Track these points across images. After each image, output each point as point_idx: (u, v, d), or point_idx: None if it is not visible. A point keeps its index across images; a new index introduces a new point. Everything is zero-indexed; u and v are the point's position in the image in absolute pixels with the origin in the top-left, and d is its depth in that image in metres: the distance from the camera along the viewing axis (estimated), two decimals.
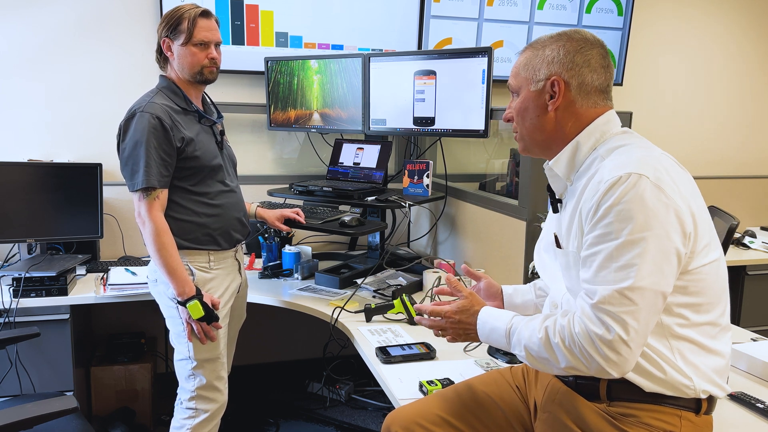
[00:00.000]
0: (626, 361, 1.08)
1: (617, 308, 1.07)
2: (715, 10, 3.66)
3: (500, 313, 1.29)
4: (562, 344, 1.13)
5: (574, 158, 1.25)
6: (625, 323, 1.07)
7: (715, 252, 1.18)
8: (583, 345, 1.10)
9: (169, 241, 1.82)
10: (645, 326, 1.09)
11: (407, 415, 1.40)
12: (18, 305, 2.20)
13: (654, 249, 1.07)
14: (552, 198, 1.33)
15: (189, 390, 1.94)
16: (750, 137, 3.85)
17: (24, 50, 2.71)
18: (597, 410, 1.21)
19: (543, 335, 1.16)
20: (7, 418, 1.38)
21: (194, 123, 1.94)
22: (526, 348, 1.19)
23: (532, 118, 1.27)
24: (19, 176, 2.49)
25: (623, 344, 1.07)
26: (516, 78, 1.30)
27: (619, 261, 1.08)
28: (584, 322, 1.10)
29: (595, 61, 1.23)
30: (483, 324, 1.29)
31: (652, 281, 1.07)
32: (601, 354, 1.08)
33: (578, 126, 1.25)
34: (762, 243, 3.24)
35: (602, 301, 1.08)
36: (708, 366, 1.18)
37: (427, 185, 2.62)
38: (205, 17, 1.90)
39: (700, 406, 1.19)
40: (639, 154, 1.16)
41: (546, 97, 1.24)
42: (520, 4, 3.22)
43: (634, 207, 1.08)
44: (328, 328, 2.12)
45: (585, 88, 1.23)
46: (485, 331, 1.29)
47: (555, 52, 1.23)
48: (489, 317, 1.29)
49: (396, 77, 2.59)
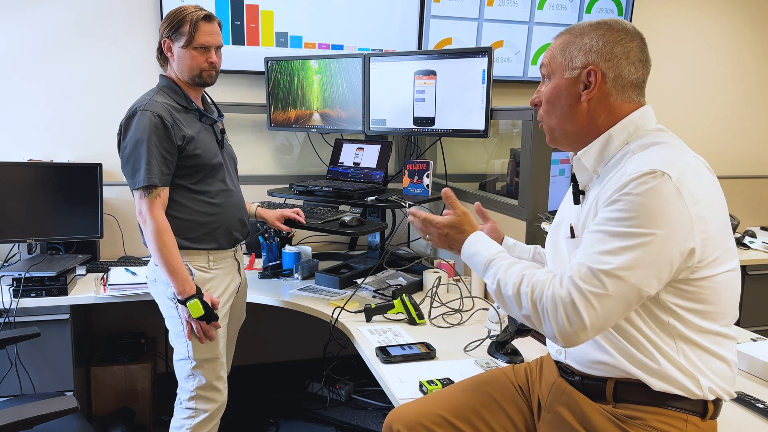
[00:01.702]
0: (577, 336, 1.09)
1: (587, 286, 1.07)
2: (715, 11, 3.66)
3: (491, 244, 1.31)
4: (530, 294, 1.14)
5: (605, 151, 1.22)
6: (589, 303, 1.07)
7: (730, 263, 1.15)
8: (547, 305, 1.11)
9: (169, 240, 1.82)
10: (608, 314, 1.08)
11: (409, 414, 1.40)
12: (18, 305, 2.20)
13: (649, 248, 1.06)
14: (575, 189, 1.31)
15: (188, 390, 1.94)
16: (750, 137, 3.86)
17: (24, 50, 2.71)
18: (602, 411, 1.21)
19: (518, 280, 1.17)
20: (7, 418, 1.38)
21: (195, 121, 1.94)
22: (499, 282, 1.21)
23: (564, 106, 1.23)
24: (19, 176, 2.49)
25: (579, 321, 1.07)
26: (552, 61, 1.25)
27: (609, 245, 1.08)
28: (557, 286, 1.11)
29: (634, 54, 1.19)
30: (469, 245, 1.32)
31: (632, 274, 1.06)
32: (558, 321, 1.09)
33: (610, 120, 1.21)
34: (762, 243, 3.24)
35: (577, 275, 1.09)
36: (712, 369, 1.17)
37: (427, 185, 2.62)
38: (207, 21, 1.90)
39: (706, 410, 1.18)
40: (670, 153, 1.13)
41: (580, 86, 1.20)
42: (520, 4, 3.22)
43: (645, 201, 1.06)
44: (328, 328, 2.12)
45: (621, 81, 1.19)
46: (468, 253, 1.32)
47: (594, 40, 1.19)
48: (478, 242, 1.32)
49: (396, 77, 2.59)
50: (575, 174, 1.30)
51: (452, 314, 2.17)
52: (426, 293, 2.35)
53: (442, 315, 2.16)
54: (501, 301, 1.22)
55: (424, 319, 2.09)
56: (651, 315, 1.15)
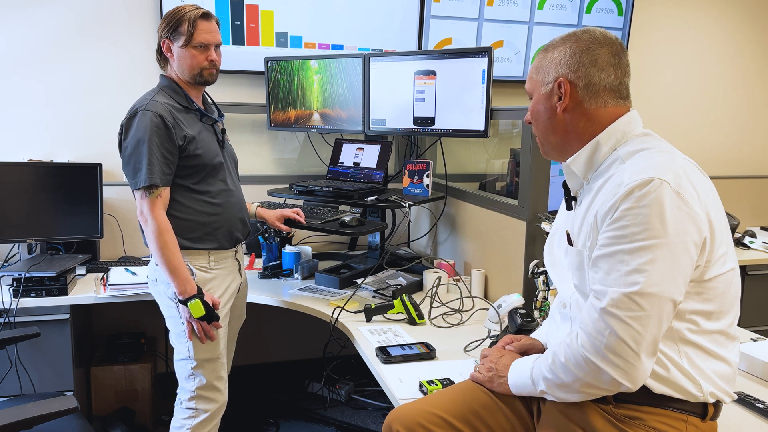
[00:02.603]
0: (634, 367, 1.07)
1: (625, 312, 1.06)
2: (715, 11, 3.66)
3: (525, 360, 1.31)
4: (568, 363, 1.13)
5: (593, 158, 1.25)
6: (630, 327, 1.06)
7: (731, 262, 1.17)
8: (589, 357, 1.09)
9: (171, 240, 1.82)
10: (652, 333, 1.07)
11: (409, 414, 1.40)
12: (18, 305, 2.20)
13: (667, 256, 1.06)
14: (567, 195, 1.34)
15: (189, 390, 1.94)
16: (750, 137, 3.85)
17: (24, 50, 2.71)
18: (602, 412, 1.20)
19: (551, 360, 1.16)
20: (7, 418, 1.38)
21: (196, 121, 1.94)
22: (545, 380, 1.20)
23: (544, 120, 1.29)
24: (19, 176, 2.49)
25: (629, 349, 1.06)
26: (530, 82, 1.32)
27: (631, 265, 1.07)
28: (588, 331, 1.09)
29: (603, 59, 1.22)
30: (512, 375, 1.33)
31: (662, 288, 1.06)
32: (608, 361, 1.07)
33: (590, 125, 1.24)
34: (762, 243, 3.24)
35: (611, 304, 1.07)
36: (714, 371, 1.17)
37: (427, 185, 2.62)
38: (205, 19, 1.89)
39: (706, 411, 1.18)
40: (661, 158, 1.15)
41: (555, 98, 1.26)
42: (520, 4, 3.22)
43: (652, 212, 1.07)
44: (328, 328, 2.12)
45: (593, 87, 1.23)
46: (516, 384, 1.32)
47: (562, 53, 1.24)
48: (516, 368, 1.33)
49: (396, 77, 2.59)
50: (566, 181, 1.33)
51: (452, 314, 2.17)
52: (426, 293, 2.35)
53: (442, 315, 2.16)
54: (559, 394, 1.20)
55: (424, 319, 2.09)
56: None
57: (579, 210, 1.28)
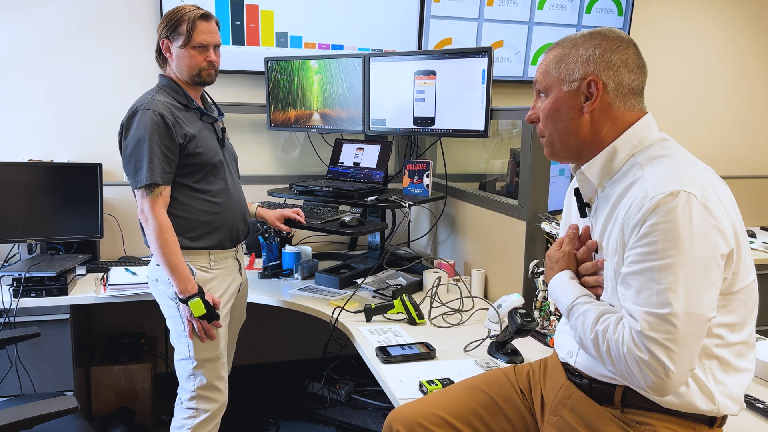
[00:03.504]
0: (669, 385, 1.06)
1: (661, 335, 1.04)
2: (715, 10, 3.66)
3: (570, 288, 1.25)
4: (608, 355, 1.11)
5: (610, 164, 1.20)
6: (669, 350, 1.04)
7: (754, 272, 1.16)
8: (628, 364, 1.08)
9: (171, 239, 1.82)
10: (689, 351, 1.06)
11: (409, 415, 1.40)
12: (18, 305, 2.20)
13: (698, 272, 1.04)
14: (580, 202, 1.29)
15: (189, 390, 1.94)
16: (750, 137, 3.86)
17: (24, 50, 2.71)
18: (610, 416, 1.20)
19: (593, 337, 1.14)
20: (7, 418, 1.38)
21: (196, 120, 1.94)
22: (581, 340, 1.18)
23: (565, 120, 1.21)
24: (19, 176, 2.49)
25: (667, 369, 1.04)
26: (546, 76, 1.22)
27: (662, 283, 1.05)
28: (629, 345, 1.08)
29: (632, 61, 1.18)
30: (553, 289, 1.30)
31: (695, 306, 1.04)
32: (644, 376, 1.06)
33: (614, 130, 1.19)
34: (762, 243, 3.24)
35: (646, 328, 1.05)
36: (735, 384, 1.16)
37: (427, 185, 2.62)
38: (204, 20, 1.89)
39: (715, 420, 1.18)
40: (684, 168, 1.11)
41: (581, 98, 1.18)
42: (520, 4, 3.22)
43: (680, 227, 1.04)
44: (328, 328, 2.12)
45: (622, 89, 1.17)
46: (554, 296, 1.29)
47: (591, 50, 1.17)
48: (558, 287, 1.28)
49: (396, 77, 2.59)
50: (579, 188, 1.28)
51: (452, 314, 2.17)
52: (426, 293, 2.35)
53: (442, 315, 2.16)
54: (591, 357, 1.19)
55: (424, 319, 2.09)
56: None
57: (597, 219, 1.24)
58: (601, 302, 1.21)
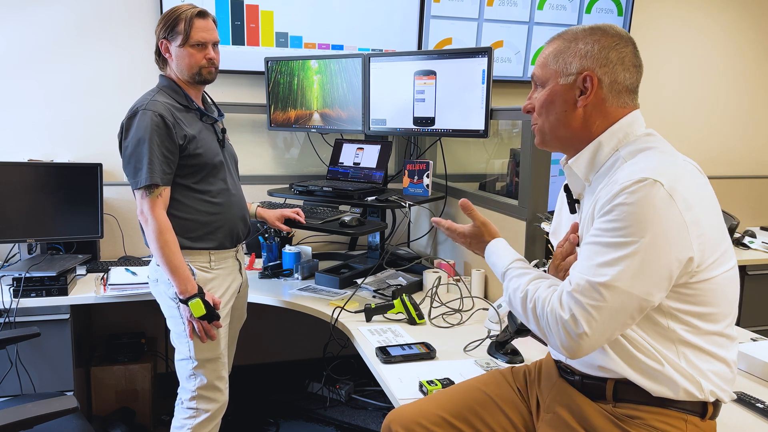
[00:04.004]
0: (581, 349, 1.10)
1: (586, 299, 1.08)
2: (715, 10, 3.66)
3: (505, 253, 1.35)
4: (533, 311, 1.17)
5: (595, 158, 1.22)
6: (590, 315, 1.08)
7: (728, 263, 1.16)
8: (548, 321, 1.13)
9: (171, 239, 1.82)
10: (610, 324, 1.08)
11: (408, 415, 1.40)
12: (18, 305, 2.20)
13: (646, 256, 1.05)
14: (569, 198, 1.31)
15: (190, 390, 1.94)
16: (750, 137, 3.86)
17: (24, 50, 2.72)
18: (602, 411, 1.21)
19: (523, 295, 1.20)
20: (7, 418, 1.38)
21: (196, 121, 1.94)
22: (510, 298, 1.25)
23: (559, 113, 1.23)
24: (19, 176, 2.49)
25: (583, 333, 1.08)
26: (544, 69, 1.25)
27: (606, 257, 1.08)
28: (556, 303, 1.12)
29: (629, 59, 1.19)
30: (488, 255, 1.39)
31: (631, 284, 1.06)
32: (560, 334, 1.11)
33: (605, 125, 1.21)
34: (762, 243, 3.24)
35: (576, 289, 1.09)
36: (714, 372, 1.17)
37: (427, 185, 2.62)
38: (201, 18, 1.90)
39: (706, 410, 1.18)
40: (660, 159, 1.13)
41: (576, 92, 1.20)
42: (520, 4, 3.22)
43: (639, 211, 1.06)
44: (328, 328, 2.12)
45: (617, 86, 1.19)
46: (490, 261, 1.38)
47: (589, 46, 1.19)
48: (494, 252, 1.37)
49: (396, 77, 2.59)
50: (567, 183, 1.31)
51: (452, 314, 2.17)
52: (426, 293, 2.35)
53: (442, 315, 2.16)
54: (516, 314, 1.25)
55: (424, 319, 2.09)
56: (650, 320, 1.15)
57: (582, 213, 1.27)
58: (534, 269, 1.29)
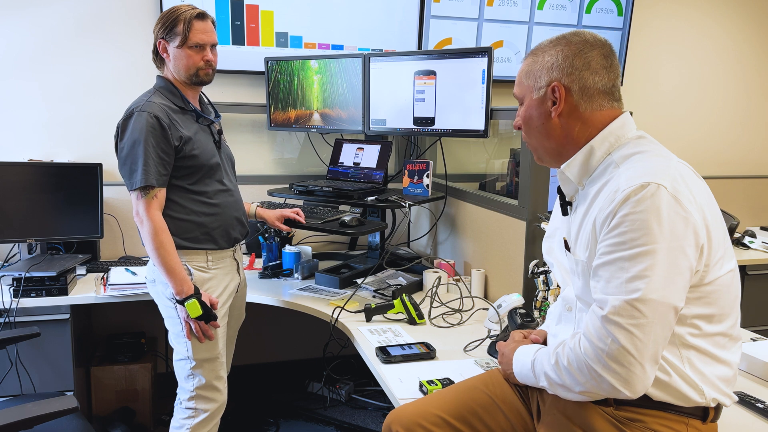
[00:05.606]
0: (635, 375, 1.05)
1: (626, 320, 1.05)
2: (715, 11, 3.66)
3: (527, 349, 1.30)
4: (570, 367, 1.12)
5: (588, 163, 1.23)
6: (632, 335, 1.05)
7: (730, 263, 1.17)
8: (590, 364, 1.08)
9: (167, 240, 1.82)
10: (654, 340, 1.06)
11: (408, 415, 1.40)
12: (18, 305, 2.20)
13: (667, 261, 1.05)
14: (562, 200, 1.32)
15: (188, 390, 1.94)
16: (749, 136, 3.85)
17: (23, 50, 2.71)
18: (603, 414, 1.20)
19: (554, 360, 1.16)
20: (7, 418, 1.38)
21: (192, 122, 1.94)
22: (546, 376, 1.19)
23: (538, 126, 1.26)
24: (19, 176, 2.49)
25: (629, 356, 1.05)
26: (519, 87, 1.30)
27: (631, 272, 1.06)
28: (590, 338, 1.09)
29: (596, 62, 1.21)
30: (515, 364, 1.32)
31: (664, 294, 1.05)
32: (609, 369, 1.06)
33: (586, 130, 1.23)
34: (762, 243, 3.24)
35: (612, 312, 1.06)
36: (715, 375, 1.17)
37: (427, 185, 2.62)
38: (200, 19, 1.89)
39: (707, 414, 1.18)
40: (656, 162, 1.14)
41: (548, 103, 1.23)
42: (520, 4, 3.22)
43: (650, 217, 1.06)
44: (328, 328, 2.12)
45: (587, 91, 1.21)
46: (520, 374, 1.31)
47: (554, 57, 1.22)
48: (518, 357, 1.32)
49: (396, 77, 2.59)
50: (560, 186, 1.31)
51: (452, 314, 2.17)
52: (426, 293, 2.35)
53: (442, 315, 2.16)
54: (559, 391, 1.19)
55: (424, 319, 2.09)
56: None
57: (575, 216, 1.27)
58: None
